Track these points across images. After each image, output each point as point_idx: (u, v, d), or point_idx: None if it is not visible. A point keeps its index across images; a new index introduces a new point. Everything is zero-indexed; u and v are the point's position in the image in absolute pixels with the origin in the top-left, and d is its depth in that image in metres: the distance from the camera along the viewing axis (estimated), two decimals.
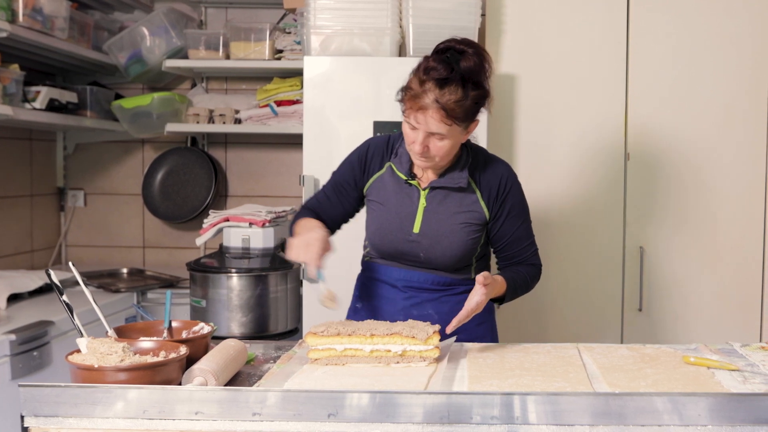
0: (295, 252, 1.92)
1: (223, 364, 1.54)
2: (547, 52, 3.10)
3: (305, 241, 1.91)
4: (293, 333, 2.81)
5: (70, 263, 1.72)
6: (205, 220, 2.97)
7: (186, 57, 3.49)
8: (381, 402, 1.35)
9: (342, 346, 1.69)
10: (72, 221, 3.86)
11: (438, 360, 1.72)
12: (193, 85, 3.78)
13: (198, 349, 1.61)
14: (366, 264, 2.19)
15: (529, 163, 3.10)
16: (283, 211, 3.05)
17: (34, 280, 2.97)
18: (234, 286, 2.65)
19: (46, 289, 2.99)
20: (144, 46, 3.50)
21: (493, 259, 2.19)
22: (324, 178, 2.24)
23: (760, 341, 2.19)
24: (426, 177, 2.05)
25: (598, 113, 3.09)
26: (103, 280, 3.35)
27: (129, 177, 3.85)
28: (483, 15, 3.00)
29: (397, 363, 1.69)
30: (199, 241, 2.99)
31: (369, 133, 2.85)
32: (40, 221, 3.69)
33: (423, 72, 1.88)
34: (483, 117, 1.92)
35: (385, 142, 2.12)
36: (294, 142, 3.61)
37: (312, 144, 2.89)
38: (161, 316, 1.74)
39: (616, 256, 3.11)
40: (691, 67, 3.07)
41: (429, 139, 1.91)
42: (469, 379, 1.59)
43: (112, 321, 1.77)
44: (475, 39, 2.91)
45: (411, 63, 1.96)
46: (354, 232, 2.22)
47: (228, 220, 2.91)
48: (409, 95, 1.90)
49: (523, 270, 2.08)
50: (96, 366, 1.41)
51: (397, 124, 2.35)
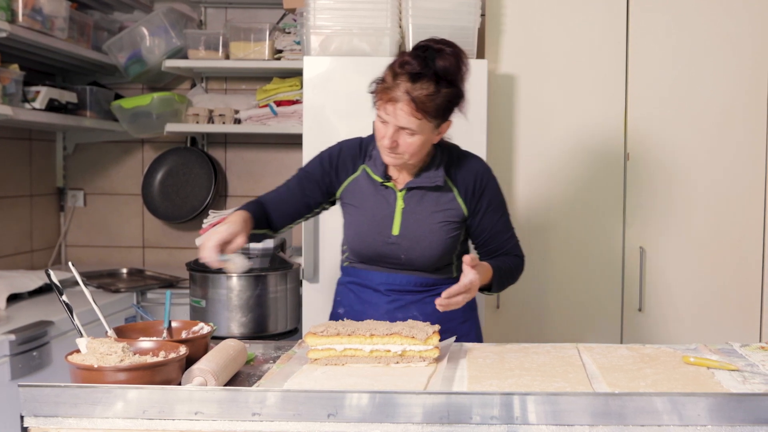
0: (204, 237, 1.90)
1: (222, 364, 1.54)
2: (546, 52, 3.10)
3: (214, 230, 1.89)
4: (293, 333, 2.81)
5: (70, 263, 1.72)
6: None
7: (186, 57, 3.49)
8: (381, 402, 1.35)
9: (342, 346, 1.69)
10: (72, 221, 3.86)
11: (438, 360, 1.72)
12: (193, 85, 3.78)
13: (198, 349, 1.61)
14: (345, 269, 2.17)
15: (529, 163, 3.10)
16: None
17: (33, 280, 2.97)
18: (234, 286, 2.64)
19: (46, 289, 2.99)
20: (144, 46, 3.50)
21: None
22: None
23: (760, 341, 2.19)
24: (402, 178, 2.04)
25: (598, 113, 3.09)
26: (102, 280, 3.35)
27: (129, 177, 3.85)
28: (483, 15, 3.00)
29: (397, 363, 1.69)
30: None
31: (369, 133, 2.84)
32: (39, 221, 3.69)
33: (398, 66, 1.88)
34: (480, 118, 1.92)
35: (357, 145, 2.12)
36: (294, 142, 3.61)
37: (312, 144, 2.89)
38: (161, 316, 1.74)
39: (616, 257, 3.11)
40: (690, 67, 3.07)
41: (399, 133, 1.90)
42: (468, 379, 1.59)
43: (112, 321, 1.77)
44: (474, 39, 2.92)
45: None
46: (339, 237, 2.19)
47: None
48: (381, 87, 1.90)
49: (507, 260, 2.08)
50: (96, 366, 1.41)
51: None
